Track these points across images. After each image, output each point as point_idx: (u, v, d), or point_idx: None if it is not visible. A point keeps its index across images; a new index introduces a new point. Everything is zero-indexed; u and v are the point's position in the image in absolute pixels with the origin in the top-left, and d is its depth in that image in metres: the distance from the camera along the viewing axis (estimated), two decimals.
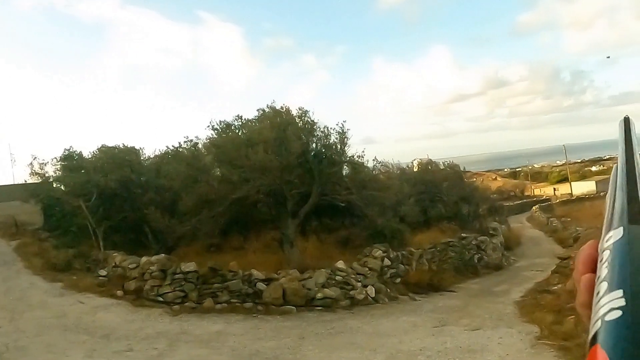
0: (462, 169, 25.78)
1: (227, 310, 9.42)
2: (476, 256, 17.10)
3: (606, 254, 0.48)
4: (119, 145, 15.87)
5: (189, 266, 9.93)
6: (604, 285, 0.45)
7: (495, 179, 79.67)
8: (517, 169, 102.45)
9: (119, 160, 14.62)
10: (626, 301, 0.42)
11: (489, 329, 7.86)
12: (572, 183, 60.79)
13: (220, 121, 12.67)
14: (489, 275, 16.39)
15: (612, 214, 0.54)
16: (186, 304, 9.53)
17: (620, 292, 0.43)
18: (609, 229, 0.51)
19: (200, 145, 13.92)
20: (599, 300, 0.44)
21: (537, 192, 68.54)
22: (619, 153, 0.65)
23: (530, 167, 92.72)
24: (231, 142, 11.93)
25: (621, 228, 0.50)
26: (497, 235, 20.74)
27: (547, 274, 12.85)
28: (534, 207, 43.28)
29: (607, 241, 0.50)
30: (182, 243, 13.61)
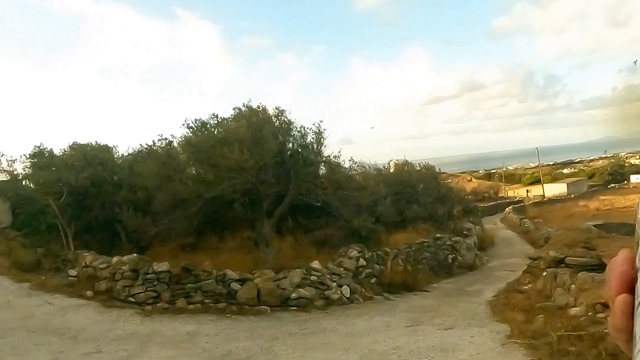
0: (437, 170, 26.04)
1: (200, 311, 9.30)
2: (450, 256, 17.33)
3: None
4: (91, 143, 15.57)
5: (162, 266, 9.78)
6: None
7: (470, 180, 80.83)
8: (491, 171, 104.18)
9: (91, 158, 14.32)
10: None
11: (461, 328, 7.95)
12: (544, 185, 62.07)
13: (195, 120, 12.53)
14: (462, 275, 16.63)
15: None
16: (158, 304, 9.38)
17: None
18: None
19: (175, 144, 13.74)
20: None
21: (510, 193, 69.80)
22: None
23: (504, 169, 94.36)
24: (206, 140, 11.80)
25: None
26: (471, 235, 21.07)
27: (518, 274, 13.08)
28: (507, 209, 44.09)
29: None
30: (156, 243, 13.41)
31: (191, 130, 12.43)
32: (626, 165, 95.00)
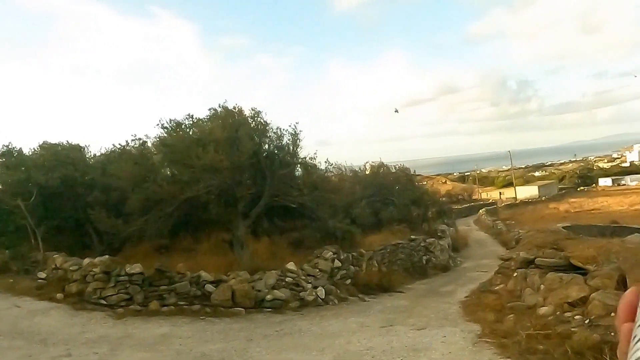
0: (413, 172, 26.33)
1: (174, 313, 9.21)
2: (425, 257, 17.54)
3: None
4: (62, 142, 15.22)
5: (135, 268, 9.64)
6: None
7: (445, 182, 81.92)
8: (465, 173, 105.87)
9: (62, 158, 14.01)
10: None
11: (434, 328, 8.07)
12: (516, 187, 63.33)
13: (170, 120, 12.40)
14: (436, 276, 16.85)
15: None
16: (131, 306, 9.24)
17: None
18: None
19: (149, 144, 13.57)
20: (634, 344, 0.43)
21: (484, 195, 71.05)
22: None
23: (478, 172, 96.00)
24: (181, 141, 11.69)
25: None
26: (445, 237, 21.37)
27: (490, 274, 13.32)
28: (480, 211, 44.84)
29: None
30: (129, 244, 13.20)
31: (166, 130, 12.30)
32: (594, 168, 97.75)
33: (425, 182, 35.78)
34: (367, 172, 23.56)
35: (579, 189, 69.98)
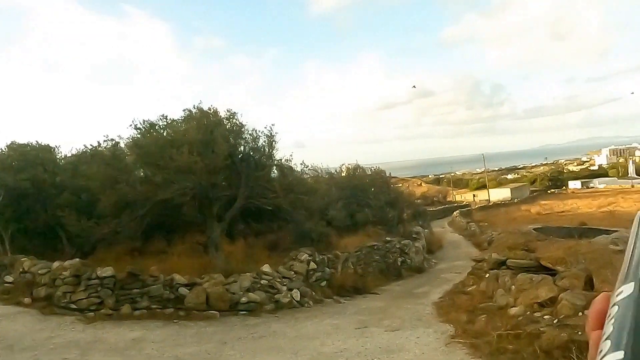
0: (388, 174, 26.55)
1: (146, 317, 9.06)
2: (400, 259, 17.68)
3: (614, 310, 0.47)
4: (31, 143, 14.86)
5: (106, 271, 9.45)
6: (607, 344, 0.44)
7: (420, 184, 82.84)
8: (440, 176, 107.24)
9: (31, 159, 13.67)
10: None
11: (408, 330, 8.13)
12: (489, 190, 64.44)
13: (143, 120, 12.23)
14: (411, 277, 16.99)
15: (628, 266, 0.51)
16: (102, 310, 9.05)
17: (621, 354, 0.42)
18: (622, 282, 0.49)
19: (122, 145, 13.34)
20: (602, 358, 0.43)
21: (458, 197, 72.04)
22: None
23: (452, 174, 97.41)
24: (155, 142, 11.54)
25: (633, 283, 0.48)
26: (419, 239, 21.57)
27: (463, 275, 13.52)
28: (454, 212, 45.44)
29: (617, 295, 0.48)
30: (101, 247, 12.97)
31: (139, 131, 12.13)
32: (565, 171, 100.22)
33: (400, 185, 36.14)
34: (343, 174, 23.64)
35: (549, 192, 71.59)
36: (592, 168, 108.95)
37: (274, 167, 13.95)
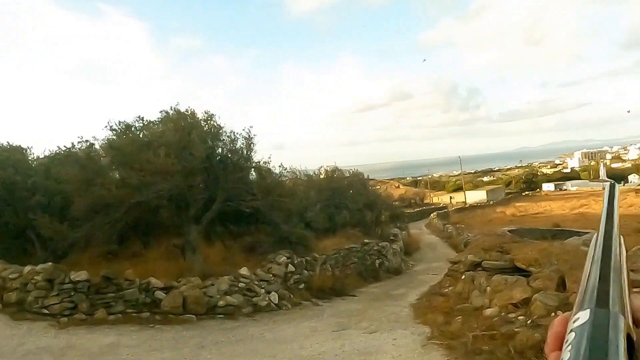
0: (366, 176, 26.65)
1: (122, 321, 8.92)
2: (377, 261, 17.79)
3: (571, 336, 0.47)
4: (2, 144, 14.47)
5: (80, 275, 9.28)
6: None
7: (398, 187, 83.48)
8: (418, 178, 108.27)
9: (2, 160, 13.31)
10: None
11: (385, 331, 8.19)
12: (466, 192, 65.30)
13: (119, 121, 12.03)
14: (389, 279, 17.11)
15: (584, 292, 0.52)
16: (75, 315, 8.88)
17: None
18: (578, 308, 0.50)
19: (97, 146, 13.10)
20: None
21: (435, 200, 72.82)
22: (601, 221, 0.62)
23: (430, 176, 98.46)
24: (131, 144, 11.37)
25: (588, 311, 0.49)
26: (397, 240, 21.74)
27: (440, 277, 13.67)
28: (432, 214, 45.92)
29: (574, 322, 0.49)
30: (74, 250, 12.68)
31: (114, 132, 11.93)
32: (539, 174, 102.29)
33: (378, 187, 36.32)
34: (322, 177, 23.66)
35: (524, 194, 72.86)
36: (565, 171, 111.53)
37: (253, 170, 13.88)
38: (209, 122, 12.83)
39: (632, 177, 79.80)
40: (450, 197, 70.55)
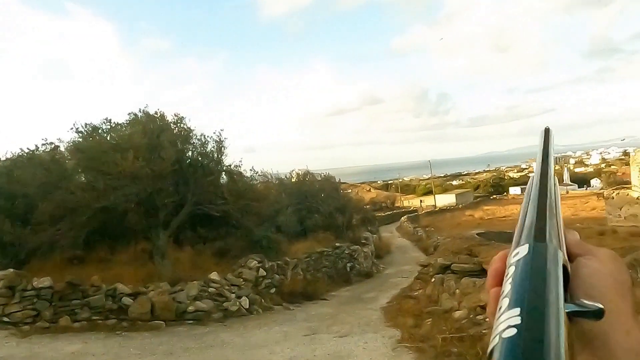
0: (338, 180, 26.76)
1: (87, 329, 8.68)
2: (349, 265, 17.86)
3: (511, 270, 0.49)
4: None
5: (43, 281, 8.99)
6: (505, 302, 0.46)
7: (369, 190, 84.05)
8: (389, 182, 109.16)
9: None
10: (521, 320, 0.43)
11: (356, 335, 8.21)
12: (435, 196, 66.21)
13: (86, 124, 11.74)
14: (360, 282, 17.19)
15: (522, 228, 0.54)
16: (38, 323, 8.59)
17: (517, 310, 0.44)
18: (517, 244, 0.52)
19: (62, 149, 12.75)
20: (499, 316, 0.45)
21: (406, 203, 73.54)
22: (536, 165, 0.65)
23: (400, 180, 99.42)
24: (98, 146, 11.11)
25: (527, 245, 0.50)
26: (368, 244, 21.87)
27: (411, 280, 13.80)
28: (402, 218, 46.37)
29: (513, 256, 0.50)
30: (38, 256, 12.28)
31: (80, 135, 11.64)
32: (506, 178, 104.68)
33: (350, 190, 36.53)
34: (294, 180, 23.64)
35: (492, 197, 74.36)
36: (531, 174, 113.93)
37: (223, 173, 13.75)
38: (179, 124, 12.66)
39: (594, 182, 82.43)
40: (421, 201, 71.39)
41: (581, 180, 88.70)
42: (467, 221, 40.19)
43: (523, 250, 0.50)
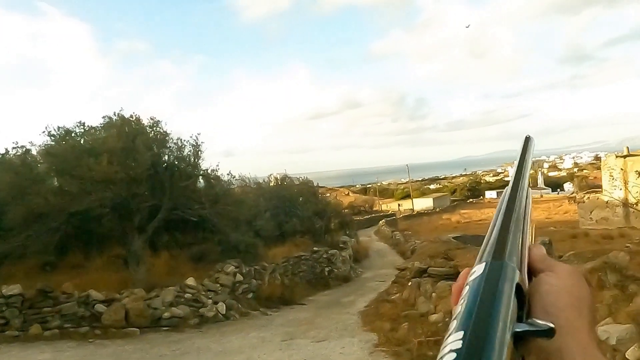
0: (316, 184, 26.75)
1: (58, 337, 8.48)
2: (327, 269, 17.86)
3: (465, 290, 0.48)
4: None
5: (13, 289, 8.75)
6: (453, 324, 0.44)
7: (348, 194, 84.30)
8: (367, 185, 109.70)
9: None
10: (462, 344, 0.41)
11: (334, 340, 8.20)
12: (413, 199, 66.77)
13: (58, 127, 11.51)
14: (338, 287, 17.19)
15: (486, 244, 0.52)
16: (7, 332, 8.36)
17: (461, 334, 0.42)
18: (478, 261, 0.50)
19: (34, 152, 12.46)
20: (446, 339, 0.43)
21: (384, 207, 73.91)
22: (510, 176, 0.62)
23: (379, 184, 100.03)
24: (71, 150, 10.89)
25: (483, 264, 0.49)
26: (346, 248, 21.90)
27: (388, 284, 13.87)
28: (381, 222, 46.55)
29: (470, 275, 0.49)
30: (8, 262, 11.95)
31: (53, 138, 11.40)
32: (482, 182, 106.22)
33: (328, 194, 36.55)
34: (272, 184, 23.56)
35: (468, 201, 75.26)
36: (506, 179, 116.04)
37: (200, 177, 13.63)
38: (154, 128, 12.50)
39: (567, 185, 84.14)
40: (399, 205, 71.85)
41: (555, 184, 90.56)
42: (444, 225, 40.60)
43: (479, 269, 0.49)
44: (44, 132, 11.37)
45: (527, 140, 0.69)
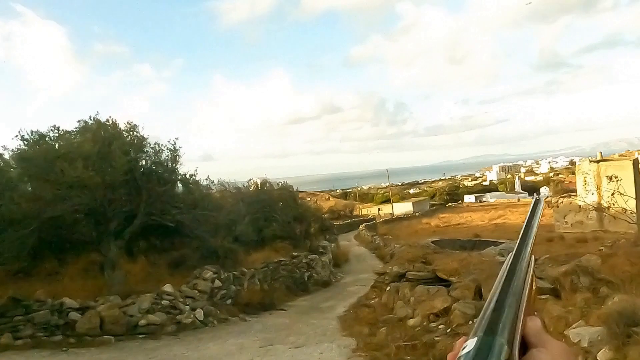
0: (296, 189, 26.71)
1: (30, 346, 8.28)
2: (306, 274, 17.82)
3: None
4: None
5: None
6: None
7: (328, 199, 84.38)
8: (347, 190, 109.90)
9: None
10: None
11: (312, 345, 8.18)
12: (393, 204, 67.11)
13: (32, 131, 11.26)
14: (318, 292, 17.17)
15: (481, 317, 0.52)
16: None
17: None
18: (472, 334, 0.50)
19: (6, 157, 12.17)
20: None
21: (364, 211, 74.06)
22: (517, 238, 0.62)
23: (359, 189, 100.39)
24: (44, 155, 10.67)
25: (475, 339, 0.49)
26: (326, 253, 21.90)
27: (367, 288, 13.90)
28: (361, 226, 46.67)
29: (462, 349, 0.49)
30: None
31: (26, 142, 11.15)
32: (461, 186, 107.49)
33: (308, 199, 36.55)
34: (251, 189, 23.42)
35: (447, 205, 76.05)
36: (484, 183, 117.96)
37: (178, 182, 13.48)
38: (131, 132, 12.32)
39: (544, 190, 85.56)
40: (379, 209, 72.10)
41: (531, 189, 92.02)
42: (424, 229, 40.93)
43: (471, 344, 0.49)
44: (16, 136, 11.10)
45: (537, 202, 0.68)
